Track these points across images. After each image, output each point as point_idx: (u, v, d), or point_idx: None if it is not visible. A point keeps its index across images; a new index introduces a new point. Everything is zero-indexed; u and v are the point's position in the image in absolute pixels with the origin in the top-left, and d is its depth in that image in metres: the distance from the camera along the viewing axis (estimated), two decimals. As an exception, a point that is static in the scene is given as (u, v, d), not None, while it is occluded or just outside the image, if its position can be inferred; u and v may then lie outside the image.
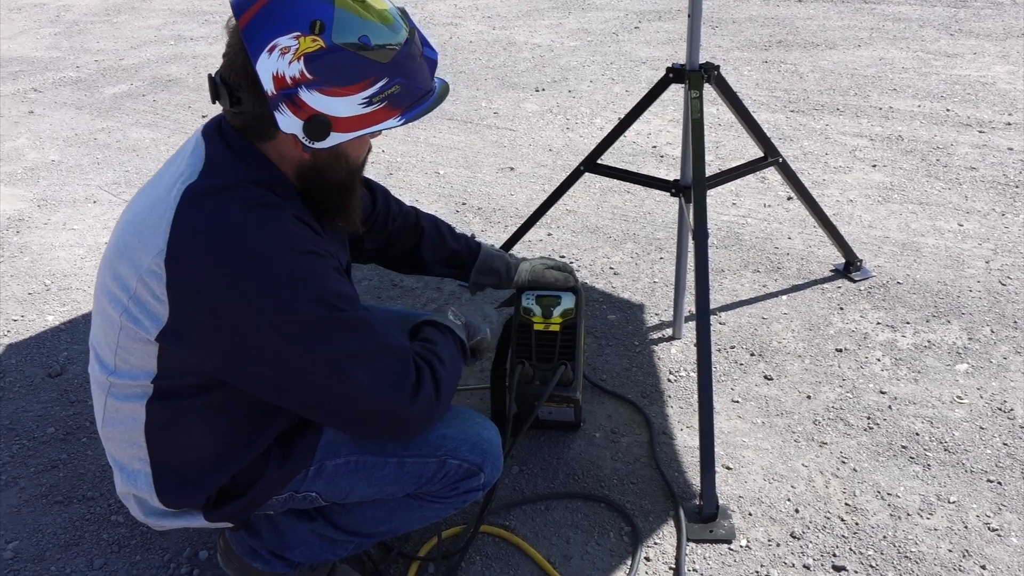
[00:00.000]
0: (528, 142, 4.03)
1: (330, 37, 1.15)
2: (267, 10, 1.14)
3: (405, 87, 1.23)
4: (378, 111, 1.22)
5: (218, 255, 1.16)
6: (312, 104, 1.17)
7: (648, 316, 2.59)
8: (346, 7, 1.17)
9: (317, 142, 1.20)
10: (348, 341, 1.23)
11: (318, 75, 1.15)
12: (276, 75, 1.14)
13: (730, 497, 1.90)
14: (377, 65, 1.19)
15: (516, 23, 6.33)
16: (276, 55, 1.14)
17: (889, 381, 2.25)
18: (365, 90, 1.19)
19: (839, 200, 3.26)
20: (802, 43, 5.34)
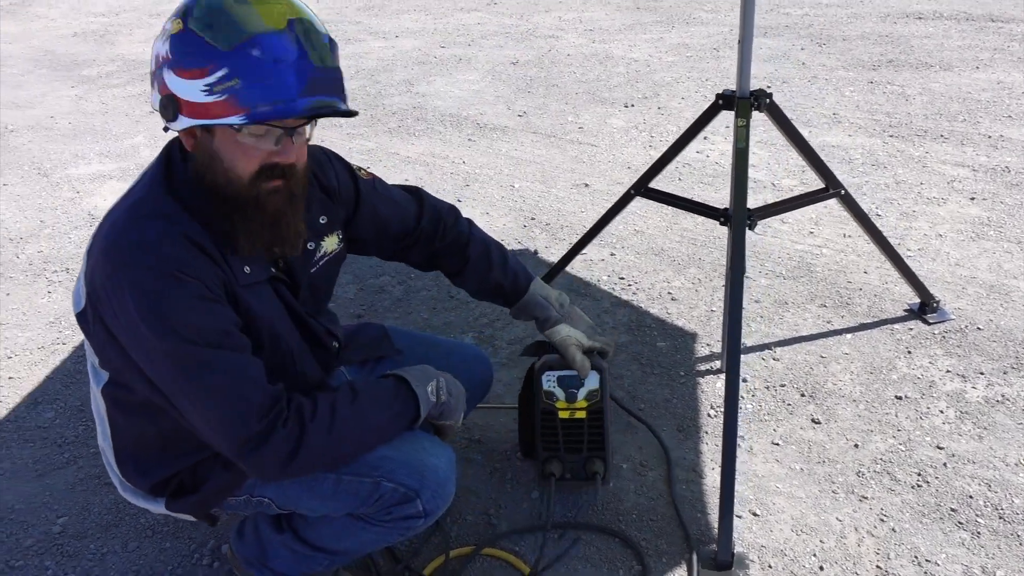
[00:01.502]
0: (608, 159, 3.99)
1: (187, 20, 1.20)
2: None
3: (247, 83, 1.18)
4: (217, 103, 1.19)
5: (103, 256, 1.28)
6: (168, 84, 1.22)
7: (699, 346, 2.51)
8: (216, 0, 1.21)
9: (170, 122, 1.24)
10: (185, 373, 1.27)
11: (173, 55, 1.21)
12: (156, 55, 1.24)
13: (752, 545, 1.82)
14: (214, 52, 1.18)
15: (616, 37, 6.28)
16: (161, 37, 1.24)
17: (949, 436, 2.09)
18: (205, 77, 1.19)
19: (927, 234, 3.06)
20: (914, 63, 5.05)
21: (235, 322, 1.33)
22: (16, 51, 7.09)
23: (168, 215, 1.29)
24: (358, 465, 1.45)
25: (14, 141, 4.74)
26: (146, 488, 1.50)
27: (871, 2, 6.73)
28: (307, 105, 1.21)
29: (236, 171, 1.28)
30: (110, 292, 1.26)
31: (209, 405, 1.28)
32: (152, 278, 1.24)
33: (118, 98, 5.50)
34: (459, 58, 5.96)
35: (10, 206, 3.81)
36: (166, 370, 1.28)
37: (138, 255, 1.25)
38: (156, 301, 1.24)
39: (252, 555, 1.59)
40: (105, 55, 6.74)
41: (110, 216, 1.33)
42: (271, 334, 1.41)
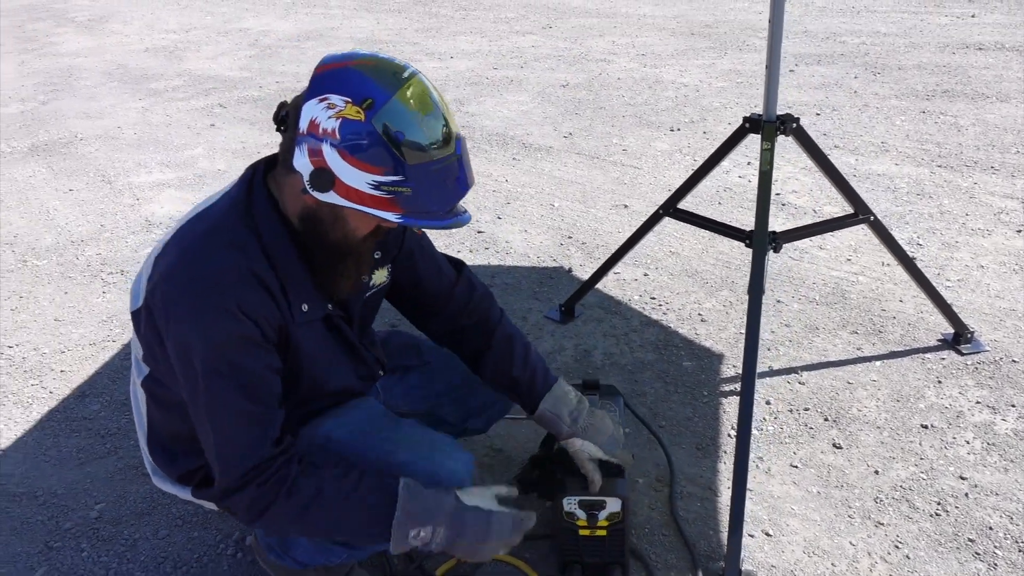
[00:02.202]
0: (649, 181, 4.01)
1: (371, 116, 1.23)
2: (343, 71, 1.26)
3: (417, 195, 1.27)
4: (381, 198, 1.27)
5: (170, 270, 1.35)
6: (327, 159, 1.25)
7: (725, 367, 2.52)
8: (403, 101, 1.25)
9: (316, 191, 1.28)
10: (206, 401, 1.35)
11: (344, 140, 1.23)
12: (313, 120, 1.24)
13: (762, 565, 1.82)
14: (399, 162, 1.25)
15: (668, 62, 6.31)
16: (323, 106, 1.24)
17: (974, 467, 2.06)
18: (377, 175, 1.25)
19: (968, 265, 3.01)
20: (970, 94, 4.97)
21: (275, 368, 1.40)
22: (91, 64, 7.46)
23: (242, 247, 1.34)
24: (381, 468, 1.49)
25: (83, 149, 4.99)
26: (174, 476, 1.59)
27: (931, 32, 6.64)
28: (452, 222, 1.33)
29: (355, 232, 1.39)
30: (169, 308, 1.33)
31: (212, 438, 1.37)
32: (211, 308, 1.30)
33: (182, 111, 5.75)
34: (510, 80, 6.07)
35: (74, 210, 4.01)
36: (193, 390, 1.36)
37: (204, 284, 1.31)
38: (208, 331, 1.31)
39: (274, 542, 1.65)
40: (173, 70, 7.04)
41: (185, 234, 1.39)
42: (315, 366, 1.50)
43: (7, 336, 2.92)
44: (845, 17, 7.50)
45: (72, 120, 5.65)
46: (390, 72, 1.27)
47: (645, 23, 7.90)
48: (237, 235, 1.35)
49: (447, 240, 3.45)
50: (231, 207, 1.38)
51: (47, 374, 2.69)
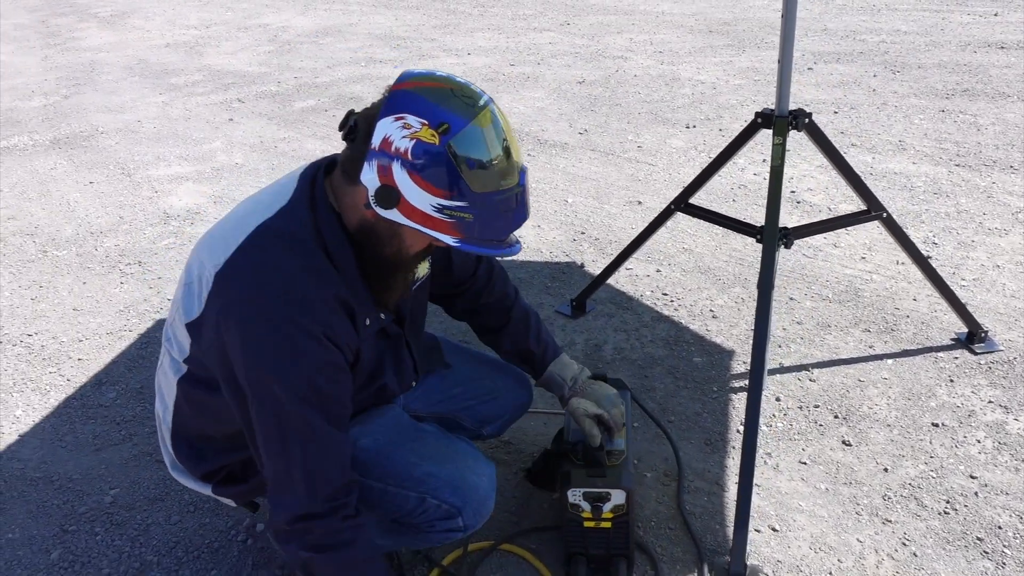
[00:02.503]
0: (664, 178, 4.01)
1: (446, 140, 1.23)
2: (422, 92, 1.26)
3: (478, 221, 1.28)
4: (442, 221, 1.27)
5: (248, 292, 1.30)
6: (395, 178, 1.24)
7: (735, 364, 2.52)
8: (477, 129, 1.25)
9: (380, 207, 1.27)
10: (284, 429, 1.31)
11: (416, 161, 1.23)
12: (387, 137, 1.24)
13: (768, 560, 1.82)
14: (465, 188, 1.25)
15: (685, 59, 6.29)
16: (398, 124, 1.23)
17: (984, 466, 2.05)
18: (443, 199, 1.25)
19: (984, 264, 2.99)
20: (990, 93, 4.92)
21: (351, 393, 1.40)
22: (113, 59, 7.54)
23: (320, 271, 1.32)
24: (403, 479, 1.53)
25: (104, 142, 5.05)
26: (198, 474, 1.59)
27: (952, 30, 6.58)
28: (506, 251, 1.35)
29: (409, 249, 1.40)
30: (249, 336, 1.28)
31: (295, 464, 1.32)
32: (298, 332, 1.28)
33: (201, 105, 5.80)
34: (527, 76, 6.07)
35: (94, 202, 4.07)
36: (266, 417, 1.31)
37: (290, 313, 1.28)
38: (297, 361, 1.28)
39: None
40: (193, 65, 7.11)
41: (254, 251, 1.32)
42: (362, 376, 1.51)
43: (27, 324, 2.97)
44: (865, 15, 7.44)
45: (93, 114, 5.72)
46: (467, 98, 1.27)
47: (663, 20, 7.88)
48: (313, 257, 1.33)
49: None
50: (297, 219, 1.34)
51: (65, 362, 2.73)
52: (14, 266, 3.41)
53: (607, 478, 1.70)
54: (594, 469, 1.72)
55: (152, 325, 2.92)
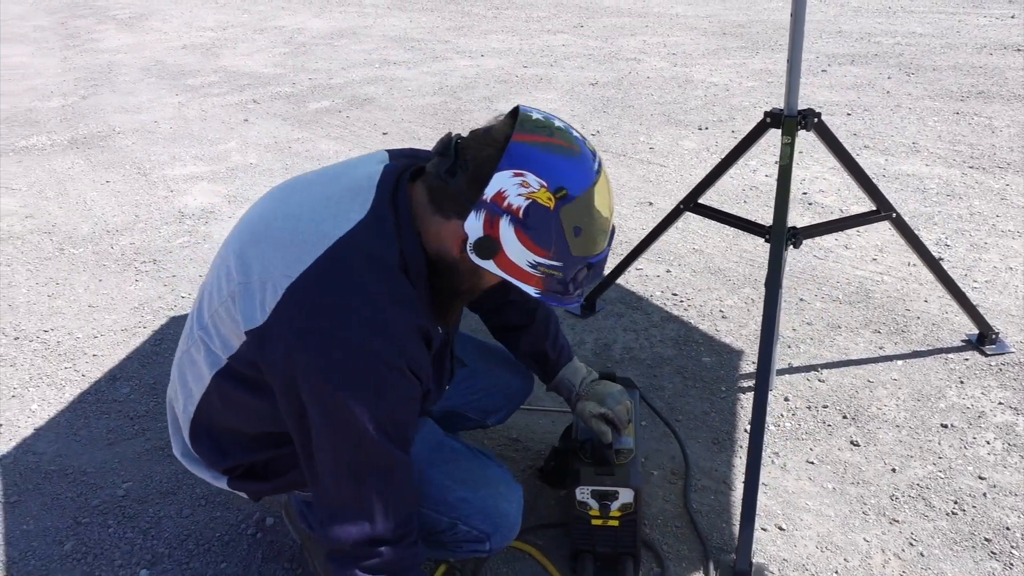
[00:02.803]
0: (676, 179, 4.01)
1: (561, 206, 1.23)
2: (542, 148, 1.24)
3: (563, 280, 1.32)
4: (531, 275, 1.29)
5: (332, 320, 1.22)
6: (501, 232, 1.24)
7: (744, 364, 2.52)
8: (591, 197, 1.26)
9: (477, 256, 1.28)
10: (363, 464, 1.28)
11: (526, 220, 1.24)
12: (502, 192, 1.23)
13: (774, 558, 1.82)
14: (566, 251, 1.27)
15: (698, 61, 6.29)
16: (516, 181, 1.22)
17: (993, 467, 2.04)
18: (540, 257, 1.27)
19: (996, 266, 2.97)
20: (1006, 95, 4.89)
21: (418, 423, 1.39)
22: (130, 61, 7.62)
23: (407, 300, 1.29)
24: (437, 503, 1.54)
25: (120, 142, 5.11)
26: (219, 468, 1.54)
27: (968, 33, 6.54)
28: (575, 305, 1.41)
29: (484, 285, 1.41)
30: (329, 359, 1.22)
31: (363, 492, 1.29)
32: (385, 367, 1.24)
33: (216, 106, 5.85)
34: (540, 78, 6.09)
35: (110, 201, 4.12)
36: (342, 445, 1.27)
37: (378, 344, 1.23)
38: (381, 391, 1.24)
39: (307, 510, 1.67)
40: (209, 67, 7.17)
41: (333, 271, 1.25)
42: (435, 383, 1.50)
43: (43, 320, 3.01)
44: (881, 17, 7.41)
45: (111, 114, 5.79)
46: (586, 162, 1.27)
47: (677, 22, 7.88)
48: (400, 285, 1.28)
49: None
50: (382, 239, 1.29)
51: (80, 358, 2.77)
52: (31, 263, 3.46)
53: (615, 476, 1.71)
54: (602, 467, 1.73)
55: (166, 322, 2.96)
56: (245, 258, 1.34)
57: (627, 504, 1.71)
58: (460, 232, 1.27)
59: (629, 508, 1.72)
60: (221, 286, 1.37)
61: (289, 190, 1.44)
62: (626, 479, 1.70)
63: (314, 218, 1.31)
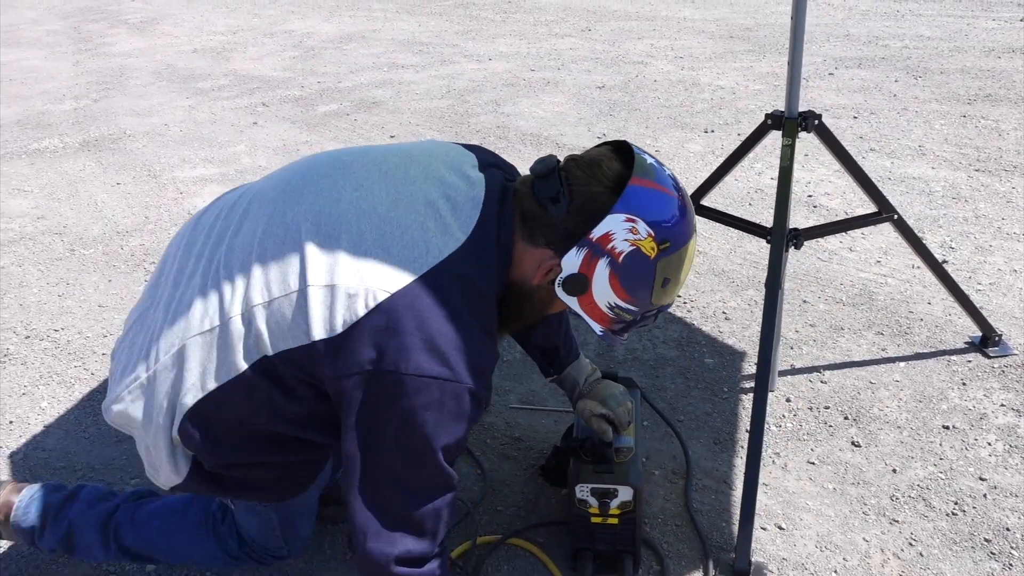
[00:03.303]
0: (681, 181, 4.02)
1: (661, 257, 1.26)
2: (655, 197, 1.25)
3: (629, 325, 1.36)
4: (605, 314, 1.32)
5: (425, 343, 1.19)
6: (595, 271, 1.26)
7: (746, 365, 2.53)
8: (687, 251, 1.30)
9: (564, 292, 1.29)
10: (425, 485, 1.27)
11: (624, 265, 1.26)
12: (609, 234, 1.24)
13: (773, 557, 1.83)
14: (646, 297, 1.31)
15: (705, 64, 6.30)
16: (626, 225, 1.24)
17: (995, 468, 2.05)
18: (623, 301, 1.30)
19: (1001, 269, 2.97)
20: (1014, 98, 4.88)
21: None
22: (141, 64, 7.68)
23: (494, 334, 1.29)
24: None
25: (131, 145, 5.16)
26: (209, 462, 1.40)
27: (976, 36, 6.52)
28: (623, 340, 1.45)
29: (548, 315, 1.44)
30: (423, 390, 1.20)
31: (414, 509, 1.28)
32: (469, 395, 1.23)
33: (226, 110, 5.90)
34: (547, 81, 6.11)
35: (120, 203, 4.16)
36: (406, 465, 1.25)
37: (468, 375, 1.22)
38: (460, 422, 1.24)
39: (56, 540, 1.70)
40: (220, 70, 7.23)
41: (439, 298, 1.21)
42: None
43: (54, 320, 3.04)
44: (888, 21, 7.40)
45: (122, 117, 5.84)
46: (688, 217, 1.30)
47: (685, 26, 7.89)
48: (493, 319, 1.28)
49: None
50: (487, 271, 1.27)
51: (90, 356, 2.80)
52: (43, 264, 3.50)
53: (615, 475, 1.73)
54: (602, 465, 1.74)
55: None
56: (317, 256, 1.24)
57: (626, 502, 1.73)
58: (548, 262, 1.28)
59: (628, 506, 1.73)
60: (279, 279, 1.26)
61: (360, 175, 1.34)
62: (625, 477, 1.72)
63: (411, 227, 1.25)
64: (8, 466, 2.27)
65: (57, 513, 1.70)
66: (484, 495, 2.05)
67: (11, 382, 2.67)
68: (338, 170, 1.36)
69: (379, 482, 1.26)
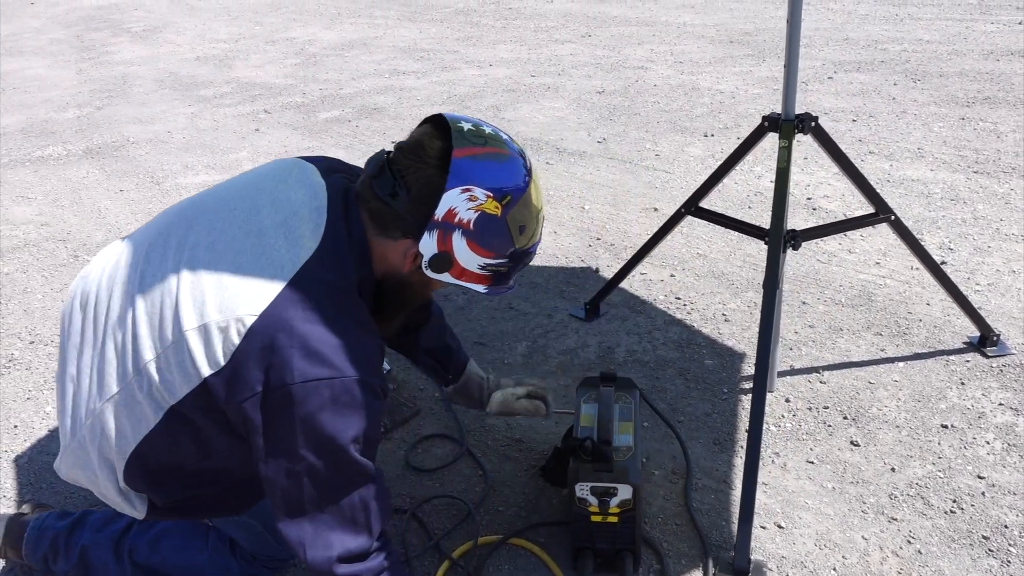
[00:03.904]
0: (681, 185, 4.04)
1: (507, 211, 1.33)
2: (484, 161, 1.31)
3: (508, 273, 1.43)
4: (481, 276, 1.40)
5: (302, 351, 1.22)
6: (453, 245, 1.33)
7: (746, 366, 2.54)
8: (530, 196, 1.36)
9: (433, 272, 1.37)
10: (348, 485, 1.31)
11: (476, 230, 1.32)
12: (452, 209, 1.30)
13: (772, 555, 1.84)
14: (509, 247, 1.37)
15: (705, 69, 6.33)
16: (463, 196, 1.30)
17: (993, 466, 2.06)
18: (490, 259, 1.37)
19: (999, 270, 2.99)
20: (1012, 101, 4.90)
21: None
22: (144, 72, 7.73)
23: (369, 325, 1.33)
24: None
25: (134, 152, 5.19)
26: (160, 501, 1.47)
27: (975, 39, 6.54)
28: (513, 289, 1.51)
29: (431, 293, 1.54)
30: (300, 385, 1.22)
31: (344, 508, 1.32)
32: (360, 387, 1.26)
33: (228, 116, 5.93)
34: (547, 86, 6.14)
35: (123, 209, 4.19)
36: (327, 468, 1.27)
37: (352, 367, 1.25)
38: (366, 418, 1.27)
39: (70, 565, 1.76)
40: (222, 78, 7.27)
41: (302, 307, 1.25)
42: None
43: (57, 326, 3.06)
44: (888, 25, 7.42)
45: (125, 125, 5.88)
46: (520, 164, 1.36)
47: (684, 31, 7.92)
48: (362, 311, 1.33)
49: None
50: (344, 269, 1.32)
51: (93, 361, 2.82)
52: (47, 270, 3.53)
53: (614, 473, 1.74)
54: (601, 464, 1.76)
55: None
56: (187, 302, 1.29)
57: (626, 501, 1.74)
58: (410, 251, 1.34)
59: (628, 505, 1.75)
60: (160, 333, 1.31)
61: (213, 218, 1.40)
62: (625, 476, 1.73)
63: (266, 251, 1.30)
64: (14, 470, 2.29)
65: (68, 540, 1.77)
66: (486, 496, 2.06)
67: (16, 387, 2.69)
68: (196, 218, 1.42)
69: (301, 493, 1.30)
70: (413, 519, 2.00)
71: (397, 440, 2.30)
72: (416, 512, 2.02)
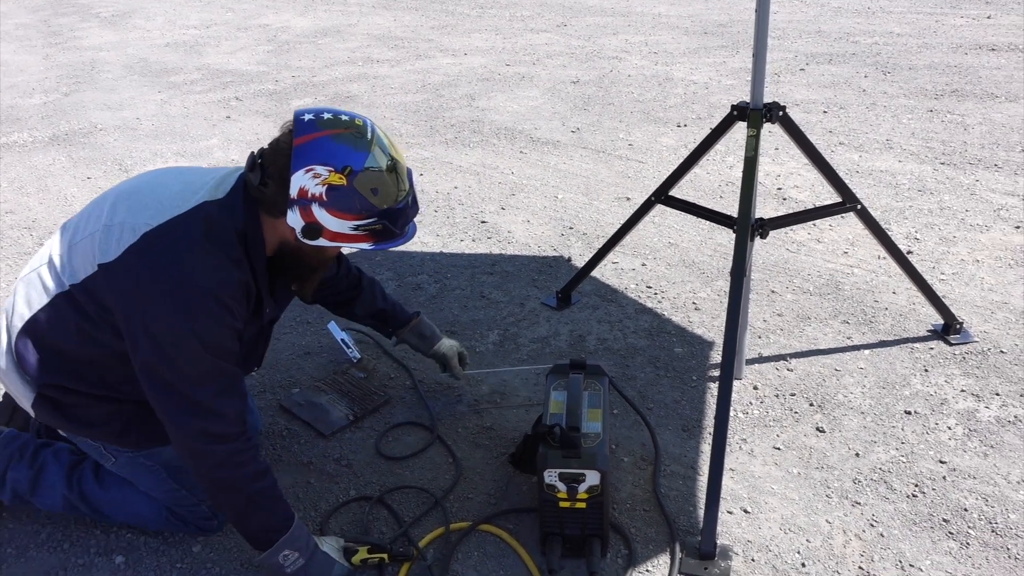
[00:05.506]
0: (653, 175, 4.06)
1: (352, 180, 1.52)
2: (319, 143, 1.52)
3: (386, 227, 1.60)
4: (359, 236, 1.59)
5: (169, 258, 1.52)
6: (317, 216, 1.54)
7: (715, 353, 2.57)
8: (373, 162, 1.54)
9: (308, 239, 1.58)
10: (201, 376, 1.55)
11: (330, 200, 1.53)
12: (302, 188, 1.52)
13: (738, 540, 1.87)
14: (371, 208, 1.55)
15: (679, 60, 6.35)
16: (309, 176, 1.51)
17: (954, 451, 2.10)
18: (357, 221, 1.56)
19: (964, 259, 3.04)
20: (979, 94, 4.97)
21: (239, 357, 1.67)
22: (113, 58, 7.60)
23: (237, 260, 1.58)
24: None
25: (102, 139, 5.11)
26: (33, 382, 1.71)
27: (945, 33, 6.63)
28: (409, 237, 1.68)
29: (329, 255, 1.75)
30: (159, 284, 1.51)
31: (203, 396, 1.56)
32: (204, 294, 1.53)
33: (199, 103, 5.86)
34: (522, 76, 6.13)
35: (90, 196, 4.12)
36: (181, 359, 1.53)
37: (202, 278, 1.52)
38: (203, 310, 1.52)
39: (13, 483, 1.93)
40: (192, 64, 7.17)
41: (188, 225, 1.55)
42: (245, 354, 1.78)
43: (22, 314, 3.01)
44: (860, 18, 7.50)
45: (93, 111, 5.78)
46: (357, 137, 1.54)
47: (659, 22, 7.94)
48: (234, 249, 1.58)
49: (451, 228, 3.52)
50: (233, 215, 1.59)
51: (59, 350, 2.78)
52: (11, 259, 3.47)
53: (582, 459, 1.75)
54: (569, 451, 1.77)
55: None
56: (114, 204, 1.63)
57: (594, 487, 1.75)
58: (286, 225, 1.57)
59: (596, 490, 1.76)
60: (88, 224, 1.63)
61: (164, 174, 1.72)
62: (592, 462, 1.74)
63: (183, 189, 1.62)
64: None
65: (35, 452, 1.95)
66: (456, 483, 2.07)
67: (-21, 376, 2.64)
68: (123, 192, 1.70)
69: (168, 376, 1.55)
70: (380, 504, 2.00)
71: (368, 428, 2.30)
72: (385, 499, 2.02)
